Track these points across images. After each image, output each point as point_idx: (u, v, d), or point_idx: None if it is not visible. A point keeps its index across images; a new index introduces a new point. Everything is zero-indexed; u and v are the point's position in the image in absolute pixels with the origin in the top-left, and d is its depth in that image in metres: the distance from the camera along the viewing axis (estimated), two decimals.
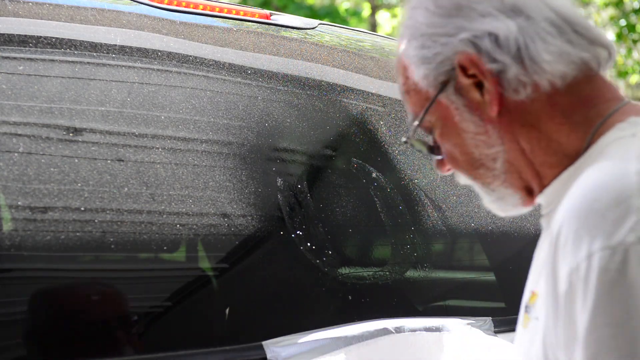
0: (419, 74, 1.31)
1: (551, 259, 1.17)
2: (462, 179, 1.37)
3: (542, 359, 1.20)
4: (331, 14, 15.25)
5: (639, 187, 1.12)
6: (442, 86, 1.30)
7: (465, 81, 1.28)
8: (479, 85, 1.28)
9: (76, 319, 1.73)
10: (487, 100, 1.28)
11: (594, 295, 1.09)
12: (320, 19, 2.66)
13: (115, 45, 1.97)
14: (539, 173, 1.30)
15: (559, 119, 1.27)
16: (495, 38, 1.25)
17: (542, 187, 1.31)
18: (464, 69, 1.28)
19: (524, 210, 1.37)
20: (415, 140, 1.37)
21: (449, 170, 1.38)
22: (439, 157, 1.37)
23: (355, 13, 17.12)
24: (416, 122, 1.34)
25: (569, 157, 1.27)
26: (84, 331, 1.75)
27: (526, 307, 1.30)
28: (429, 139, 1.37)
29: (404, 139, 1.39)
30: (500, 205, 1.35)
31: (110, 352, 1.74)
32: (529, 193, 1.34)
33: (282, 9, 13.98)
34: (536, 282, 1.28)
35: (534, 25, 1.26)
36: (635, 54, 13.48)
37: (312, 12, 14.53)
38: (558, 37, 1.26)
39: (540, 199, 1.33)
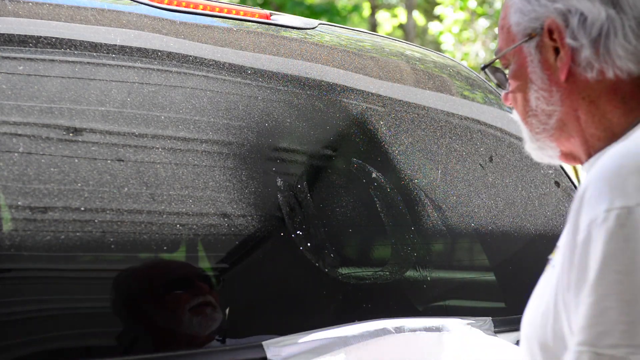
0: (513, 19, 1.46)
1: (575, 212, 1.29)
2: (515, 117, 1.52)
3: (552, 299, 1.32)
4: (329, 12, 15.22)
5: None
6: (527, 38, 1.44)
7: (547, 42, 1.42)
8: (557, 50, 1.42)
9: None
10: (559, 66, 1.42)
11: (608, 244, 1.22)
12: (317, 17, 2.66)
13: (115, 45, 1.97)
14: (587, 142, 1.44)
15: (617, 102, 1.41)
16: (584, 19, 1.39)
17: (589, 155, 1.45)
18: (550, 32, 1.42)
19: (557, 162, 1.52)
20: (490, 70, 1.54)
21: (510, 104, 1.52)
22: (505, 91, 1.52)
23: (355, 9, 17.09)
24: (498, 56, 1.50)
25: (615, 136, 1.41)
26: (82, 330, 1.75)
27: (549, 259, 1.44)
28: (501, 74, 1.54)
29: (482, 67, 1.56)
30: (538, 153, 1.50)
31: (110, 352, 1.74)
32: (569, 156, 1.48)
33: (280, 7, 13.96)
34: (560, 239, 1.40)
35: (623, 19, 1.38)
36: None
37: (310, 10, 14.51)
38: (638, 38, 1.38)
39: (585, 167, 1.46)
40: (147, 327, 1.82)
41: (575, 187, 2.61)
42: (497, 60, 1.52)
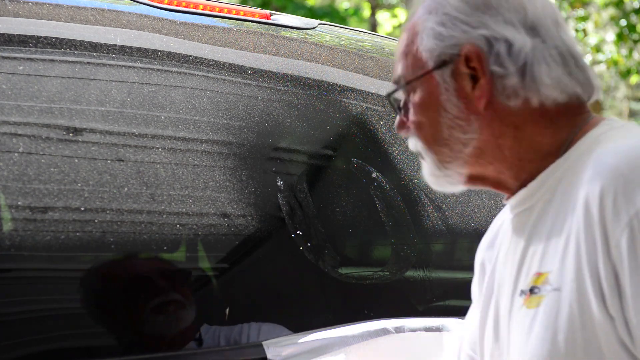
0: (426, 45, 1.39)
1: (597, 221, 1.24)
2: (412, 145, 1.45)
3: (579, 322, 1.26)
4: (330, 14, 15.22)
5: None
6: (441, 64, 1.38)
7: (464, 70, 1.37)
8: (474, 78, 1.37)
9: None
10: (477, 95, 1.37)
11: None
12: (319, 19, 2.65)
13: (115, 45, 1.97)
14: (516, 166, 1.40)
15: (544, 125, 1.38)
16: (509, 46, 1.36)
17: (519, 179, 1.40)
18: (467, 59, 1.36)
19: (458, 190, 1.45)
20: (393, 98, 1.46)
21: (406, 133, 1.45)
22: (403, 119, 1.44)
23: (355, 12, 17.09)
24: (403, 84, 1.43)
25: (551, 154, 1.38)
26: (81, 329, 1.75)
27: (531, 289, 1.35)
28: (402, 100, 1.45)
29: (386, 94, 1.48)
30: (441, 181, 1.43)
31: (110, 352, 1.74)
32: (476, 179, 1.42)
33: (281, 9, 13.96)
34: (537, 266, 1.35)
35: (546, 49, 1.37)
36: (635, 55, 13.46)
37: (311, 13, 14.51)
38: (561, 67, 1.37)
39: (521, 193, 1.41)
40: (142, 326, 1.82)
41: None
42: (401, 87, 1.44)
